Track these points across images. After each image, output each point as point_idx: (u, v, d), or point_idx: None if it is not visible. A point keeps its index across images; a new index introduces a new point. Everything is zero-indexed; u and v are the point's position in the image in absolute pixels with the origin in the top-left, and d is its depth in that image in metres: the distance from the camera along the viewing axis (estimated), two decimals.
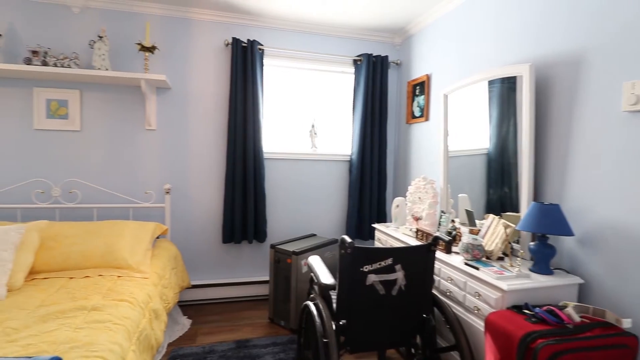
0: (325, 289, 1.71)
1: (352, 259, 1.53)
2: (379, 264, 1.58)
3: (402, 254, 1.60)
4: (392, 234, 2.39)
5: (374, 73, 3.00)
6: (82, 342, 1.33)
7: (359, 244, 3.11)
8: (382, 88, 3.03)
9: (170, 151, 2.82)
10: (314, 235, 2.95)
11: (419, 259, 1.64)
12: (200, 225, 2.91)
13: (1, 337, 1.35)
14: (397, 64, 3.19)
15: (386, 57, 3.05)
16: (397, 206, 2.48)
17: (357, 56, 3.04)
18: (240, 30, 2.87)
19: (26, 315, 1.53)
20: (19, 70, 2.35)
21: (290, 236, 3.05)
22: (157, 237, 2.63)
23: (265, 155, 2.92)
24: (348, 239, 1.52)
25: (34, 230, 2.01)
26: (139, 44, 2.53)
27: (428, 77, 2.75)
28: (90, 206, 2.58)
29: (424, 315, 1.68)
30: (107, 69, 2.51)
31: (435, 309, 1.73)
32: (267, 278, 2.98)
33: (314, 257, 1.94)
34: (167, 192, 2.72)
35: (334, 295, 1.75)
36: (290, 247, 2.51)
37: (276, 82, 3.05)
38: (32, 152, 2.59)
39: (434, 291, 1.75)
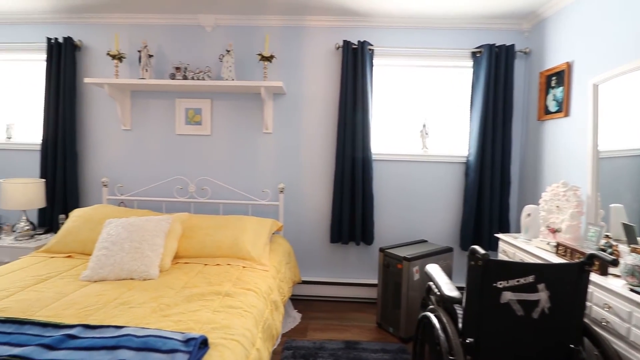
0: (448, 301, 1.58)
1: (484, 273, 1.38)
2: (517, 281, 1.39)
3: (547, 272, 1.38)
4: (523, 246, 2.09)
5: (496, 65, 2.70)
6: (220, 325, 1.47)
7: None
8: (506, 81, 2.71)
9: (284, 153, 2.99)
10: (425, 241, 2.79)
11: (568, 280, 1.39)
12: (309, 224, 3.02)
13: (158, 312, 1.58)
14: (525, 52, 2.81)
15: (512, 46, 2.72)
16: (529, 215, 2.17)
17: (476, 48, 2.78)
18: (351, 33, 2.89)
19: (174, 294, 1.76)
20: (166, 85, 2.77)
21: (397, 240, 2.94)
22: (272, 233, 2.81)
23: (374, 157, 2.88)
24: (481, 249, 1.37)
25: (177, 221, 2.34)
26: (259, 54, 2.74)
27: (569, 66, 2.34)
28: (217, 202, 2.90)
29: (572, 346, 1.42)
30: (232, 79, 2.77)
31: (586, 340, 1.45)
32: (374, 281, 2.92)
33: (433, 266, 1.81)
34: (281, 191, 2.88)
35: (458, 309, 1.61)
36: (400, 252, 2.42)
37: (386, 81, 2.98)
38: (174, 153, 3.04)
39: (585, 319, 1.47)
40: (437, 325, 1.54)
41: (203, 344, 1.27)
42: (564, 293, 1.39)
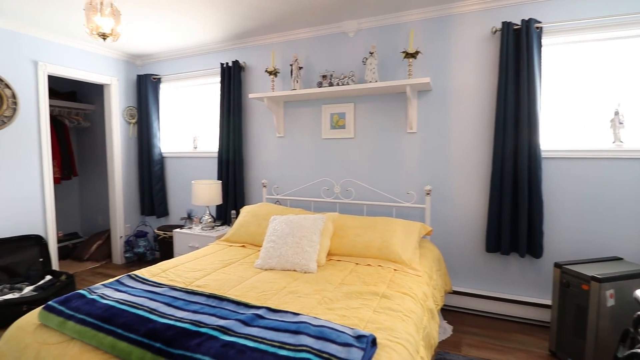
0: None
1: None
2: None
3: None
4: None
5: None
6: (383, 326, 1.45)
7: None
8: None
9: (430, 153, 2.84)
10: (620, 259, 2.20)
11: None
12: (460, 230, 2.77)
13: (323, 304, 1.66)
14: None
15: None
16: None
17: None
18: (511, 12, 2.54)
19: (334, 289, 1.84)
20: (314, 93, 2.96)
21: (576, 255, 2.42)
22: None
23: (544, 154, 2.44)
24: None
25: (330, 219, 2.46)
26: (403, 52, 2.67)
27: None
28: (361, 203, 2.95)
29: None
30: (376, 81, 2.78)
31: None
32: (543, 301, 2.48)
33: None
34: (428, 194, 2.74)
35: None
36: (586, 270, 1.98)
37: (560, 63, 2.50)
38: (320, 157, 3.24)
39: None
40: None
41: (372, 342, 1.27)
42: None
